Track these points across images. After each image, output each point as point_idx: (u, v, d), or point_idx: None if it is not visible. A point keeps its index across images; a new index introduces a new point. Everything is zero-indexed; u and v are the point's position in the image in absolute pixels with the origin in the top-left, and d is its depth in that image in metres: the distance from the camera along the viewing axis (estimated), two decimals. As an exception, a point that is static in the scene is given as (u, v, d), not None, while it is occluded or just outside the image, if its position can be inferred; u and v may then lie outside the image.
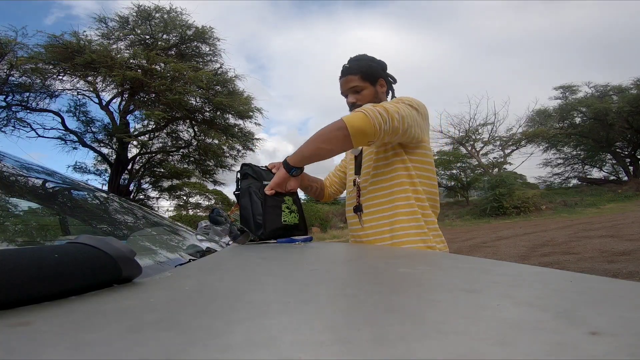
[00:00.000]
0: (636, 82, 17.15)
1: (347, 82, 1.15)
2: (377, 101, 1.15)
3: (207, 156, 12.11)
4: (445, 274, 0.42)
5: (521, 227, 9.51)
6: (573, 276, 0.35)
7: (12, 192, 0.76)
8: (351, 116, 0.93)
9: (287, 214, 1.10)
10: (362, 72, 1.13)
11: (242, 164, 1.18)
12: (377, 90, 1.16)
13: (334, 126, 0.93)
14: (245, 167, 1.16)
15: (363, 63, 1.15)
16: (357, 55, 1.18)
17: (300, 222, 1.14)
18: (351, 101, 1.15)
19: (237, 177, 1.16)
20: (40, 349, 0.19)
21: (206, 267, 0.56)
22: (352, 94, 1.15)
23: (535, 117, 19.32)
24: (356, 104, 1.14)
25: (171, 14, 10.62)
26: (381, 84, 1.17)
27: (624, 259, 4.06)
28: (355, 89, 1.14)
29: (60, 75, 9.77)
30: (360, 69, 1.14)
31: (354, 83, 1.14)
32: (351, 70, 1.14)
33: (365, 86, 1.14)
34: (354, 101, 1.15)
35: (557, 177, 21.14)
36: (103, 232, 0.82)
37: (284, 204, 1.10)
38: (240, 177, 1.16)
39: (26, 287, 0.27)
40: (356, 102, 1.14)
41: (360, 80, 1.14)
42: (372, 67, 1.15)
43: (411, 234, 1.05)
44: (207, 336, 0.20)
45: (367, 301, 0.28)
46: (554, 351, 0.16)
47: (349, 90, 1.15)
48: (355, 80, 1.14)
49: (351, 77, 1.14)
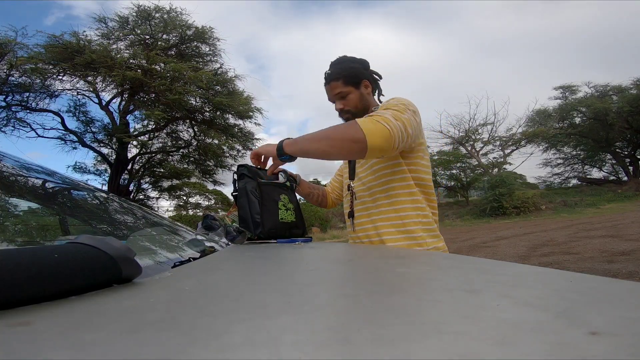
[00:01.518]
0: (636, 82, 17.16)
1: (331, 89, 1.14)
2: (363, 104, 1.14)
3: (207, 156, 12.11)
4: (445, 274, 0.42)
5: (521, 227, 9.51)
6: (573, 276, 0.35)
7: (11, 192, 0.76)
8: (374, 131, 0.84)
9: (284, 212, 1.11)
10: (344, 77, 1.11)
11: (238, 165, 1.19)
12: (362, 93, 1.14)
13: (351, 135, 0.84)
14: (241, 167, 1.17)
15: (344, 66, 1.13)
16: (337, 59, 1.16)
17: (297, 220, 1.15)
18: (339, 107, 1.14)
19: (234, 179, 1.17)
20: (40, 349, 0.19)
21: (206, 267, 0.56)
22: (338, 100, 1.14)
23: (535, 117, 19.33)
24: (344, 109, 1.13)
25: (171, 14, 10.62)
26: (365, 85, 1.15)
27: (623, 259, 4.06)
28: (341, 95, 1.12)
29: (60, 75, 9.77)
30: (342, 74, 1.12)
31: (338, 89, 1.12)
32: (333, 76, 1.12)
33: (349, 90, 1.12)
34: (341, 107, 1.13)
35: (557, 177, 21.18)
36: (103, 232, 0.82)
37: (280, 202, 1.11)
38: (237, 178, 1.16)
39: (26, 287, 0.27)
40: (344, 107, 1.13)
41: (344, 86, 1.12)
42: (353, 69, 1.13)
43: (400, 238, 1.05)
44: (207, 336, 0.20)
45: (366, 301, 0.28)
46: (554, 351, 0.16)
47: (334, 97, 1.14)
48: (339, 87, 1.12)
49: (334, 84, 1.12)
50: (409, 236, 1.04)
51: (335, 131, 0.87)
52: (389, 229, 1.07)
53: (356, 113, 1.13)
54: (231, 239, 1.00)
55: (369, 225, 1.11)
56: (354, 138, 0.84)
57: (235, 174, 1.17)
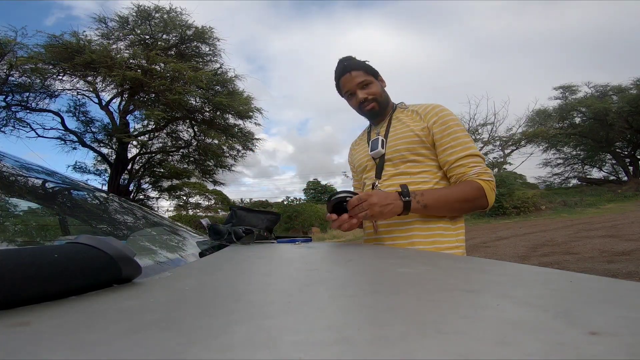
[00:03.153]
0: (636, 82, 17.16)
1: (352, 79, 1.09)
2: (385, 96, 1.12)
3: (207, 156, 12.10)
4: (445, 274, 0.42)
5: (521, 227, 9.51)
6: (573, 276, 0.35)
7: (12, 192, 0.76)
8: (492, 199, 0.96)
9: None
10: (364, 67, 1.10)
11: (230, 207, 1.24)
12: (381, 85, 1.13)
13: (479, 204, 0.96)
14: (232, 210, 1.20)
15: (360, 61, 1.11)
16: (348, 56, 1.13)
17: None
18: (362, 97, 1.09)
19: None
20: (40, 349, 0.19)
21: (206, 267, 0.56)
22: (360, 89, 1.09)
23: (535, 117, 19.32)
24: (368, 98, 1.09)
25: (171, 14, 10.61)
26: (380, 79, 1.14)
27: (623, 259, 4.06)
28: (364, 83, 1.09)
29: (60, 75, 9.77)
30: (362, 65, 1.10)
31: (361, 78, 1.08)
32: (353, 66, 1.09)
33: (371, 80, 1.10)
34: (365, 97, 1.09)
35: (557, 177, 21.19)
36: (103, 232, 0.82)
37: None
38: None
39: (26, 287, 0.27)
40: (367, 97, 1.09)
41: (366, 75, 1.09)
42: (368, 64, 1.12)
43: (429, 242, 0.99)
44: (207, 336, 0.20)
45: (366, 301, 0.28)
46: (554, 351, 0.16)
47: (356, 86, 1.09)
48: (361, 75, 1.08)
49: (356, 73, 1.08)
50: (437, 240, 0.99)
51: (471, 204, 0.96)
52: (419, 232, 1.00)
53: (381, 102, 1.11)
54: (237, 237, 1.00)
55: (399, 227, 1.02)
56: (480, 205, 0.96)
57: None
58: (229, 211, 1.22)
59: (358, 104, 1.11)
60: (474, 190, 0.95)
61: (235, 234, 1.00)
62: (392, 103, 1.17)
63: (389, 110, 1.15)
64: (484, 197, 0.94)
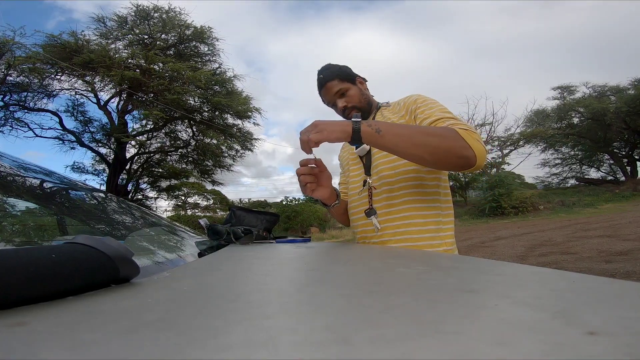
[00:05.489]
0: (634, 82, 17.24)
1: (329, 90, 1.12)
2: (366, 99, 1.14)
3: (206, 156, 12.11)
4: (444, 274, 0.42)
5: (519, 227, 9.53)
6: (571, 276, 0.35)
7: (9, 192, 0.75)
8: (481, 152, 0.80)
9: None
10: (338, 75, 1.11)
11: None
12: (359, 88, 1.14)
13: (458, 151, 0.79)
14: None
15: (334, 68, 1.13)
16: (324, 66, 1.16)
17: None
18: (342, 105, 1.11)
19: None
20: (38, 349, 0.19)
21: (204, 267, 0.56)
22: (339, 98, 1.12)
23: (533, 118, 19.39)
24: (348, 106, 1.11)
25: (170, 13, 10.61)
26: (359, 81, 1.15)
27: (621, 259, 4.08)
28: (341, 92, 1.11)
29: (58, 75, 9.75)
30: (335, 73, 1.12)
31: (337, 87, 1.11)
32: (327, 78, 1.12)
33: (347, 87, 1.12)
34: (344, 104, 1.11)
35: (555, 177, 21.27)
36: (101, 232, 0.82)
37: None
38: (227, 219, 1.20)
39: (23, 287, 0.27)
40: (347, 104, 1.11)
41: (341, 83, 1.11)
42: (343, 69, 1.13)
43: (425, 237, 0.99)
44: (205, 336, 0.20)
45: (365, 301, 0.28)
46: (552, 351, 0.16)
47: (334, 96, 1.12)
48: (336, 85, 1.11)
49: (330, 84, 1.11)
50: (433, 235, 0.99)
51: (440, 140, 0.80)
52: (415, 227, 1.00)
53: (362, 108, 1.12)
54: (237, 238, 1.00)
55: (393, 222, 1.02)
56: (462, 154, 0.80)
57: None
58: (228, 211, 1.22)
59: (341, 113, 1.14)
60: (444, 130, 0.83)
61: (234, 234, 1.00)
62: (375, 102, 1.18)
63: (373, 110, 1.17)
64: (459, 139, 0.81)
